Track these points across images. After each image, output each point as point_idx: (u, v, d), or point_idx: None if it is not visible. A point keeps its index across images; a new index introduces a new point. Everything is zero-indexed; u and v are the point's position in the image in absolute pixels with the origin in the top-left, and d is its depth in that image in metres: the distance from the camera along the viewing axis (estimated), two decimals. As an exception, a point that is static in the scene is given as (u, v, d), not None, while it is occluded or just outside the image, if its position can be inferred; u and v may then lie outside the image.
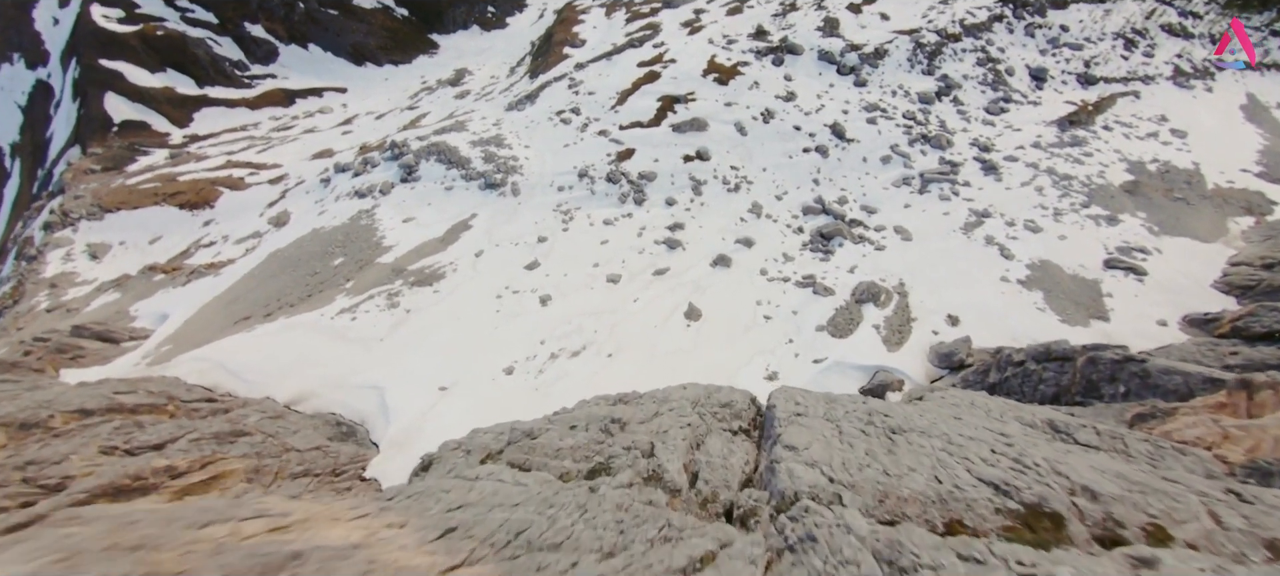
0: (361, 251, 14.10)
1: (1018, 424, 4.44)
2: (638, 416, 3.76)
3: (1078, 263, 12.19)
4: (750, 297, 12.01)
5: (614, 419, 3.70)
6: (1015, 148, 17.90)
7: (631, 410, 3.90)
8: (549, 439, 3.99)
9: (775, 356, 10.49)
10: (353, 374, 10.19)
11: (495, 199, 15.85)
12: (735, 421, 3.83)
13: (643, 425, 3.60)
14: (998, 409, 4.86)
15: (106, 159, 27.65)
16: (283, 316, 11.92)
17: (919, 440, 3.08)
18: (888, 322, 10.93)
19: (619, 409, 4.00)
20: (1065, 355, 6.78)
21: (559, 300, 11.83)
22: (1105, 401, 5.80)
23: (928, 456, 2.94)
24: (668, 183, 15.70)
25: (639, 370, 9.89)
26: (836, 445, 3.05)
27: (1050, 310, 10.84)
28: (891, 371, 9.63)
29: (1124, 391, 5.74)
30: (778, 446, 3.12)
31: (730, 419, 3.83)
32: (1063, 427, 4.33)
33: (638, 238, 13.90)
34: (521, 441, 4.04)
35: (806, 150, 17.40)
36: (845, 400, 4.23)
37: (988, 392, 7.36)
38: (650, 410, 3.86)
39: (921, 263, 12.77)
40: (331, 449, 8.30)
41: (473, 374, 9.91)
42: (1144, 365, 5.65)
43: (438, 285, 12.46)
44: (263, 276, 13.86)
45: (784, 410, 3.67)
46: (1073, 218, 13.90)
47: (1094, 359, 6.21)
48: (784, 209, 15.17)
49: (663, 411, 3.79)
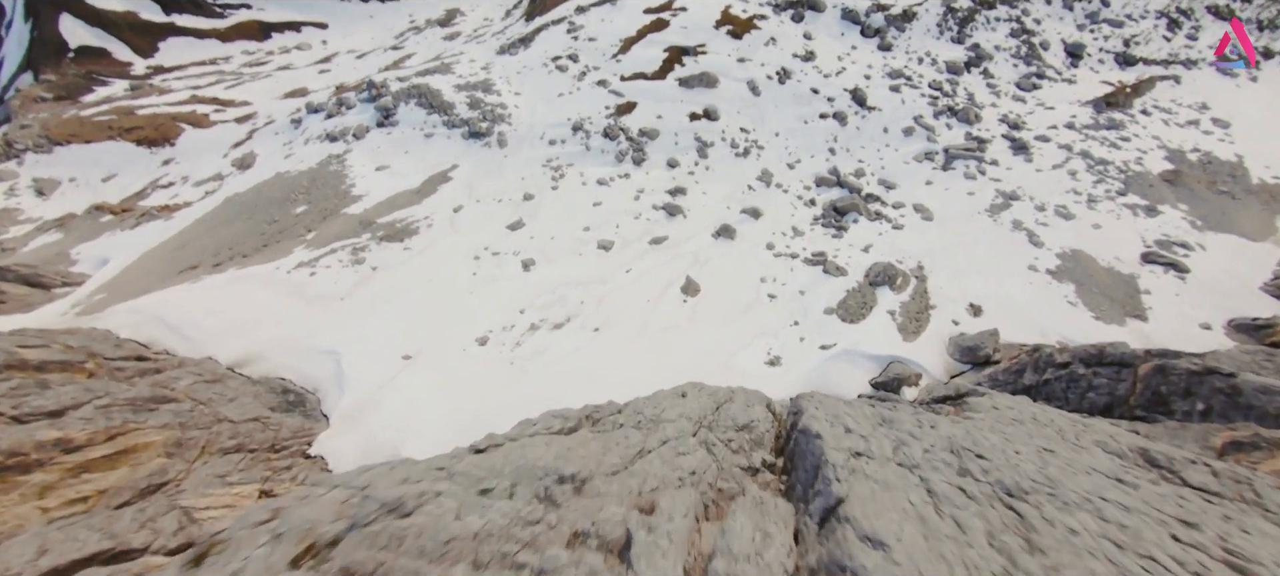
0: (327, 199, 12.73)
1: (1104, 454, 3.43)
2: (610, 459, 2.54)
3: (1113, 255, 11.16)
4: (754, 274, 10.92)
5: (563, 477, 2.38)
6: (1047, 127, 16.56)
7: (600, 449, 2.64)
8: (435, 518, 2.32)
9: (779, 339, 9.51)
10: (307, 335, 9.09)
11: (479, 150, 14.38)
12: (757, 453, 2.80)
13: (614, 478, 2.41)
14: (1069, 428, 3.87)
15: (60, 87, 25.37)
16: (233, 267, 10.69)
17: (1058, 515, 2.02)
18: (904, 309, 9.93)
19: (578, 448, 2.73)
20: (1123, 360, 5.81)
21: (543, 265, 10.67)
22: (1177, 420, 4.87)
23: (1089, 555, 1.82)
24: (671, 142, 14.29)
25: (627, 347, 8.87)
26: (943, 532, 1.92)
27: (1082, 305, 9.87)
28: (907, 363, 8.70)
29: (1203, 409, 4.80)
30: (846, 532, 1.96)
31: (749, 448, 2.81)
32: (1162, 462, 3.34)
33: (634, 201, 12.63)
34: (380, 521, 2.34)
35: (823, 116, 15.95)
36: (905, 419, 3.20)
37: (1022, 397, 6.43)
38: (631, 447, 2.73)
39: (942, 245, 11.69)
40: (273, 421, 7.28)
41: (441, 342, 8.85)
42: (1233, 380, 4.69)
43: (409, 241, 11.22)
44: (215, 222, 12.51)
45: (832, 442, 2.55)
46: (1108, 205, 12.78)
47: (1164, 368, 5.25)
48: (796, 178, 13.89)
49: (651, 446, 2.69)
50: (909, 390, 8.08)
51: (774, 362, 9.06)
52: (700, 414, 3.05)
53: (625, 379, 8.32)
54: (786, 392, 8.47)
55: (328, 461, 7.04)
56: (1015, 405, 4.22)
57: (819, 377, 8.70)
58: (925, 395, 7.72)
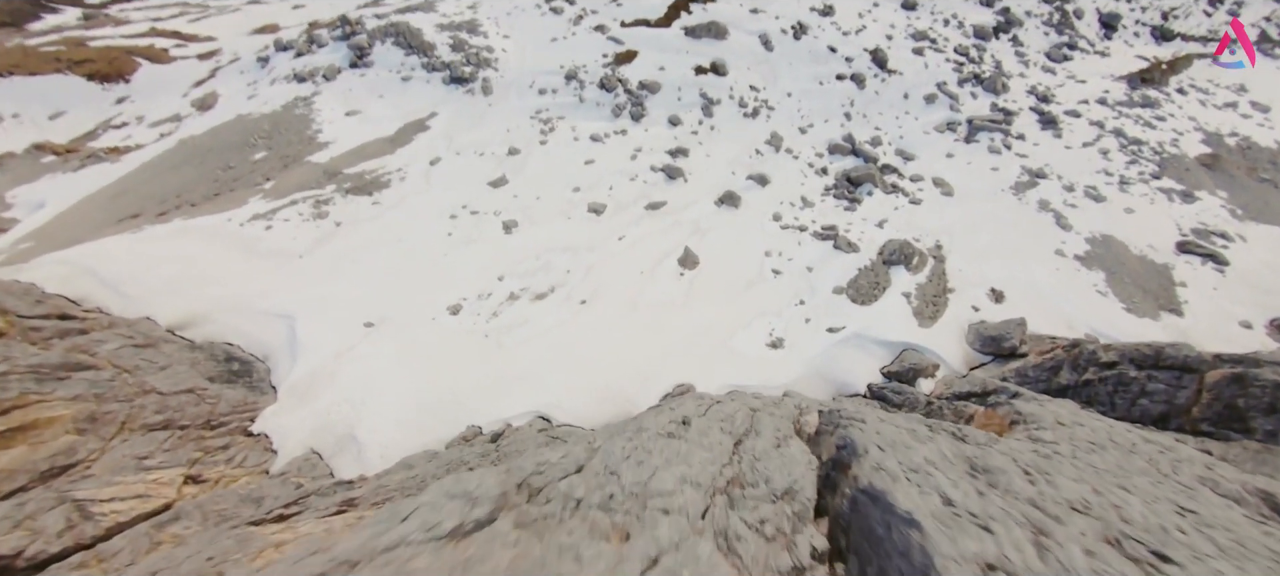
0: (290, 145, 11.47)
1: (1216, 497, 2.63)
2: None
3: (1146, 242, 10.33)
4: (758, 246, 10.00)
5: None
6: (1078, 101, 15.41)
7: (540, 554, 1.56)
8: None
9: (782, 320, 8.70)
10: (259, 296, 8.13)
11: (461, 96, 13.02)
12: (802, 536, 1.76)
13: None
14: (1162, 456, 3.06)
15: (4, 12, 23.01)
16: (180, 218, 9.56)
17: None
18: (920, 292, 9.11)
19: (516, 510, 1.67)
20: (1186, 364, 5.04)
21: (527, 228, 9.65)
22: (1259, 439, 4.14)
23: None
24: (673, 97, 13.01)
25: (616, 324, 8.02)
26: None
27: (1113, 295, 9.11)
28: (922, 351, 7.94)
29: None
30: None
31: (792, 530, 1.75)
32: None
33: (631, 161, 11.50)
34: None
35: (840, 77, 14.64)
36: (1000, 460, 2.35)
37: (1067, 401, 5.70)
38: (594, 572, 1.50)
39: (963, 224, 10.79)
40: (210, 393, 6.42)
41: (409, 310, 7.94)
42: (1333, 397, 3.94)
43: (379, 195, 10.10)
44: (164, 167, 11.25)
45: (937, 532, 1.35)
46: (1141, 189, 11.87)
47: (1242, 377, 4.48)
48: (807, 144, 12.76)
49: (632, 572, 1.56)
50: (925, 382, 7.35)
51: (776, 345, 8.27)
52: (714, 470, 2.04)
53: (612, 359, 7.50)
54: (790, 379, 7.73)
55: (272, 440, 6.23)
56: (1083, 420, 3.45)
57: (825, 363, 7.95)
58: (944, 389, 7.00)
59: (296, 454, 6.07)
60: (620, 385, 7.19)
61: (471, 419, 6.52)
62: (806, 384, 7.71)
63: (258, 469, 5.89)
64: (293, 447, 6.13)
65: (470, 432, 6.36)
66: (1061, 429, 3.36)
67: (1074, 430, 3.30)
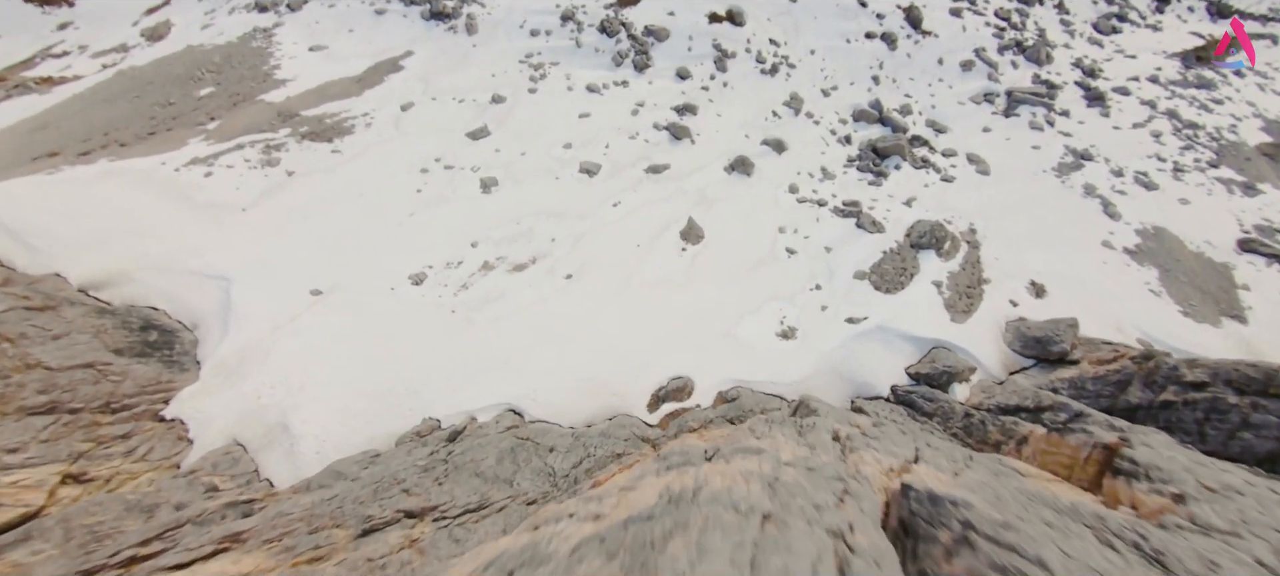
0: (242, 82, 10.01)
1: None
2: None
3: (1203, 238, 9.26)
4: (772, 221, 8.86)
5: None
6: (1127, 78, 13.99)
7: None
8: None
9: (796, 305, 7.67)
10: (192, 253, 6.98)
11: (441, 34, 11.47)
12: None
13: None
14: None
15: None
16: (106, 159, 8.25)
17: None
18: (952, 281, 8.06)
19: None
20: (1307, 392, 4.04)
21: (508, 188, 8.43)
22: None
23: None
24: (683, 47, 11.52)
25: (606, 304, 6.95)
26: None
27: (1167, 295, 8.10)
28: (954, 349, 6.96)
29: None
30: None
31: None
32: None
33: (632, 117, 10.16)
34: None
35: (870, 35, 13.11)
36: None
37: (1128, 420, 4.74)
38: None
39: (1000, 206, 9.66)
40: (114, 369, 5.36)
41: (365, 276, 6.82)
42: None
43: (340, 142, 8.79)
44: (95, 100, 9.81)
45: None
46: (1197, 178, 10.70)
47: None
48: (830, 108, 11.41)
49: None
50: (960, 387, 6.39)
51: (788, 335, 7.26)
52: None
53: (599, 345, 6.47)
54: (802, 375, 6.76)
55: (188, 427, 5.23)
56: (1232, 476, 2.43)
57: (843, 358, 6.97)
58: (983, 398, 6.04)
59: (216, 445, 5.08)
60: (607, 375, 6.19)
61: (429, 409, 5.53)
62: (820, 382, 6.75)
63: (165, 463, 4.90)
64: (212, 437, 5.13)
65: (426, 427, 5.38)
66: (1214, 497, 2.38)
67: (1238, 502, 2.31)
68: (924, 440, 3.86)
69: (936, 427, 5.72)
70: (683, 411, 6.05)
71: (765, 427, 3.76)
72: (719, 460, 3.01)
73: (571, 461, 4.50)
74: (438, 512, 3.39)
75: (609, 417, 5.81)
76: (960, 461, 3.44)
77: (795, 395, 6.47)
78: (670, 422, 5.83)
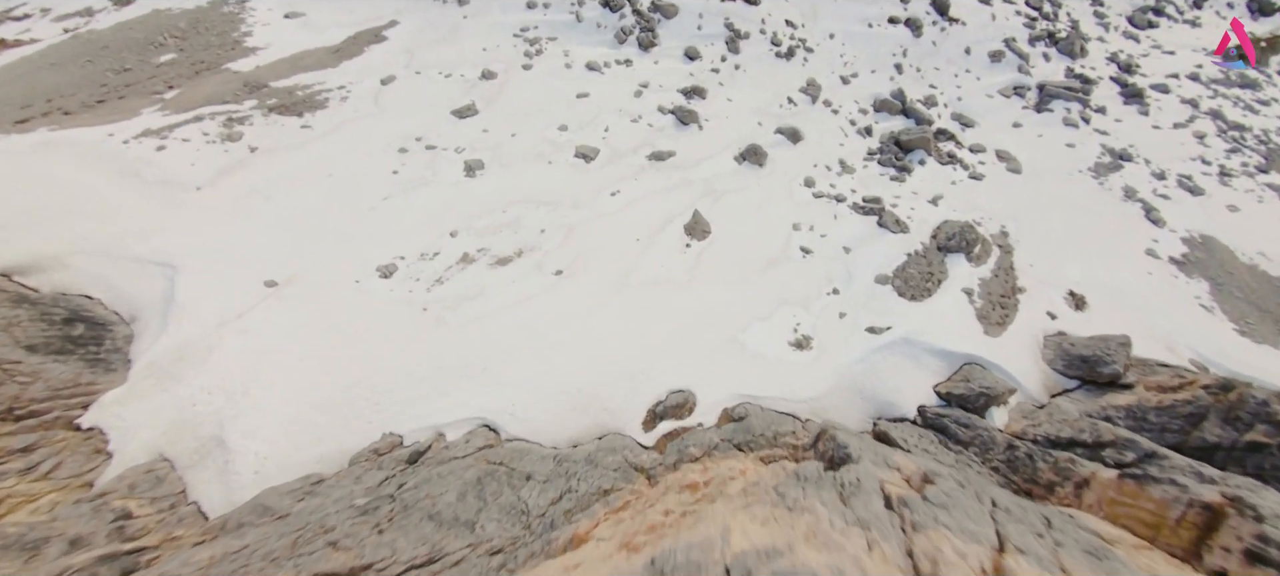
0: (207, 49, 9.17)
1: None
2: None
3: (1257, 249, 8.48)
4: (785, 217, 8.08)
5: None
6: (1166, 75, 13.13)
7: None
8: None
9: (811, 312, 6.91)
10: (136, 237, 6.22)
11: (429, 4, 10.59)
12: None
13: None
14: None
15: None
16: (47, 128, 7.45)
17: None
18: (984, 289, 7.28)
19: None
20: None
21: (495, 172, 7.63)
22: None
23: None
24: (692, 24, 10.65)
25: (600, 305, 6.19)
26: None
27: (1220, 312, 7.34)
28: (989, 367, 6.19)
29: None
30: None
31: None
32: None
33: (634, 99, 9.33)
34: None
35: (893, 21, 12.23)
36: None
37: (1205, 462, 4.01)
38: None
39: (1032, 207, 8.88)
40: (23, 368, 4.61)
41: (328, 267, 6.06)
42: None
43: (311, 117, 7.98)
44: (41, 64, 8.99)
45: None
46: (1246, 183, 9.89)
47: None
48: (849, 97, 10.57)
49: None
50: (998, 411, 5.63)
51: (802, 344, 6.51)
52: None
53: (591, 351, 5.72)
54: (817, 391, 6.02)
55: (108, 438, 4.49)
56: None
57: (864, 373, 6.21)
58: (1027, 426, 5.29)
59: (138, 461, 4.35)
60: (597, 387, 5.44)
61: (391, 423, 4.79)
62: (838, 400, 6.00)
63: (75, 482, 4.17)
64: (135, 451, 4.40)
65: (386, 444, 4.64)
66: None
67: None
68: (988, 494, 3.11)
69: (974, 459, 4.98)
70: (682, 431, 5.31)
71: (799, 491, 3.01)
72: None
73: (549, 497, 3.77)
74: (371, 574, 2.67)
75: (598, 437, 5.07)
76: (1048, 539, 2.69)
77: (810, 414, 5.73)
78: (667, 445, 5.09)
